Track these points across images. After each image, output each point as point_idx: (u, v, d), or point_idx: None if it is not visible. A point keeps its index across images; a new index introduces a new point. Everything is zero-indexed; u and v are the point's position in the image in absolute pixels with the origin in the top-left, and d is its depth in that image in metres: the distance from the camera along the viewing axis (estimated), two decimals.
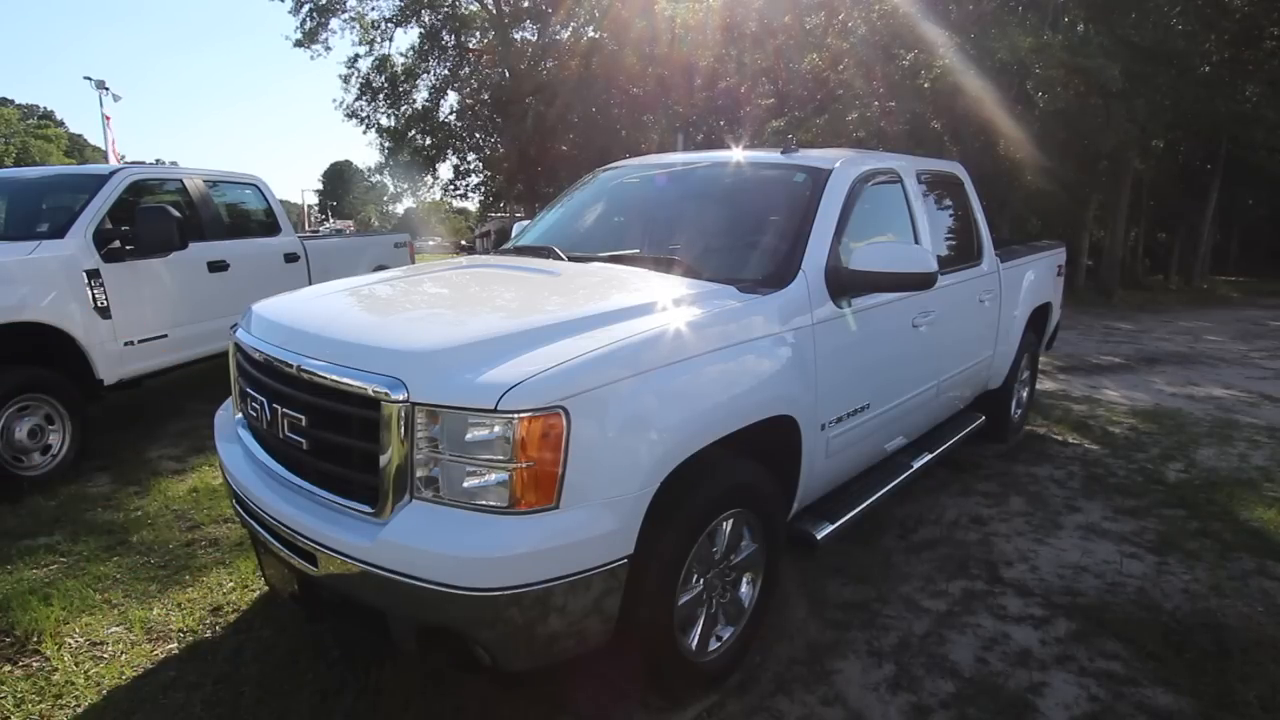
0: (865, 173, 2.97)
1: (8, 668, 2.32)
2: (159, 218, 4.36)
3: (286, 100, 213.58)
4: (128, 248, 4.32)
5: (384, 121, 24.12)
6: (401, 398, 1.69)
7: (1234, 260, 24.64)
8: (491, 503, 1.67)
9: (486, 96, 23.87)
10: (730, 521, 2.17)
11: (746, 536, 2.27)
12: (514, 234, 3.80)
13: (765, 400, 2.20)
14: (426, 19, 22.83)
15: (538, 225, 3.62)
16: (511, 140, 22.25)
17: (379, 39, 22.94)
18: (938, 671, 2.34)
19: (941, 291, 3.02)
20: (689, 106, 18.14)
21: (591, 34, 21.20)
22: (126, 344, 4.33)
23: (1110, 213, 16.28)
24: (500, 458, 1.64)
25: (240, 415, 2.38)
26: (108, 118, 18.99)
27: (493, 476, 1.66)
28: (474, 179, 26.64)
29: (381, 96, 23.66)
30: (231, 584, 2.85)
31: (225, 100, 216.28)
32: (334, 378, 1.82)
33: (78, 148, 58.03)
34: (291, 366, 1.95)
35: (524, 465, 1.64)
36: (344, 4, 21.79)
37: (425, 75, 23.82)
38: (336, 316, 2.23)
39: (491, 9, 22.49)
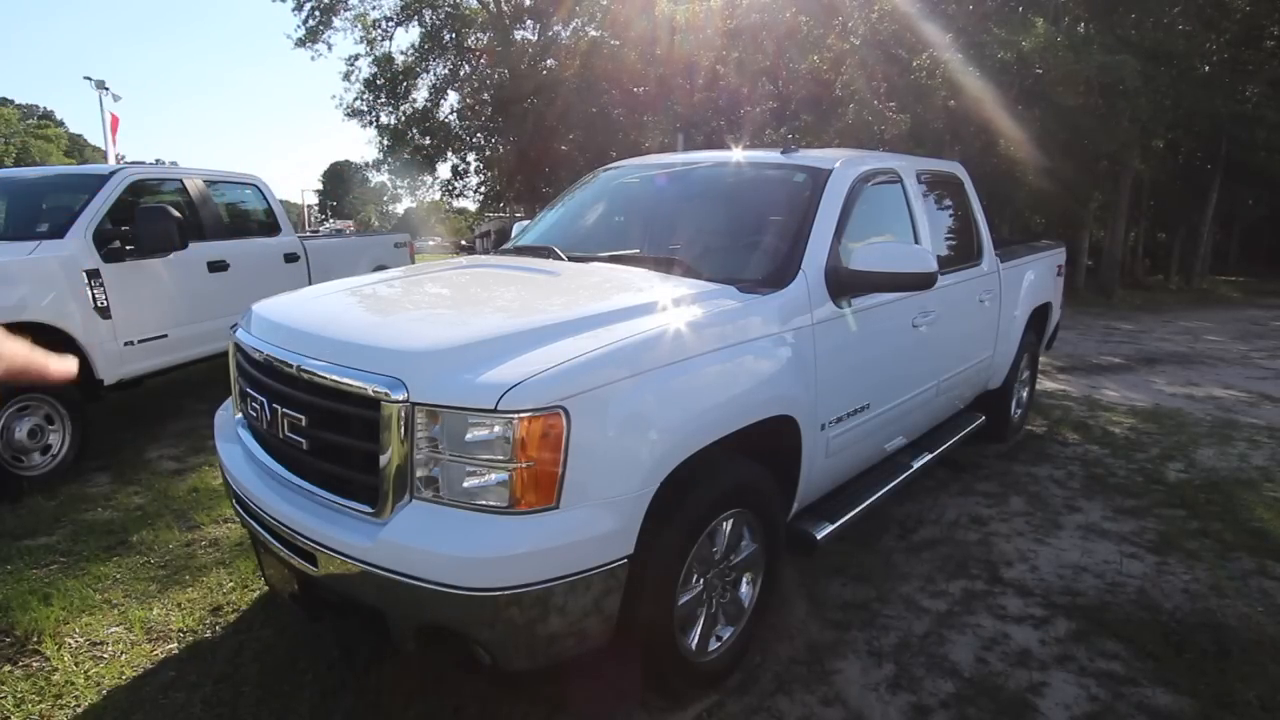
0: (865, 173, 2.97)
1: (8, 668, 2.32)
2: (159, 218, 4.36)
3: (286, 100, 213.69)
4: (128, 248, 4.32)
5: (384, 120, 24.14)
6: (401, 398, 1.69)
7: (1234, 260, 24.62)
8: (491, 503, 1.67)
9: (487, 97, 23.85)
10: (730, 521, 2.17)
11: (746, 536, 2.27)
12: (514, 234, 3.80)
13: (765, 400, 2.20)
14: (428, 18, 22.83)
15: (538, 225, 3.61)
16: (512, 140, 22.25)
17: (380, 38, 22.96)
18: (938, 671, 2.34)
19: (941, 291, 3.02)
20: (690, 106, 18.15)
21: (592, 33, 21.22)
22: (126, 344, 4.34)
23: (1110, 212, 16.28)
24: (500, 458, 1.64)
25: (240, 415, 2.38)
26: (114, 118, 18.50)
27: (493, 476, 1.66)
28: (474, 179, 26.65)
29: (382, 95, 23.65)
30: (231, 584, 2.85)
31: (225, 100, 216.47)
32: (334, 378, 1.82)
33: (78, 148, 58.03)
34: (291, 366, 1.95)
35: (524, 465, 1.64)
36: (346, 1, 21.79)
37: (426, 74, 23.82)
38: (336, 316, 2.23)
39: (492, 8, 22.48)
